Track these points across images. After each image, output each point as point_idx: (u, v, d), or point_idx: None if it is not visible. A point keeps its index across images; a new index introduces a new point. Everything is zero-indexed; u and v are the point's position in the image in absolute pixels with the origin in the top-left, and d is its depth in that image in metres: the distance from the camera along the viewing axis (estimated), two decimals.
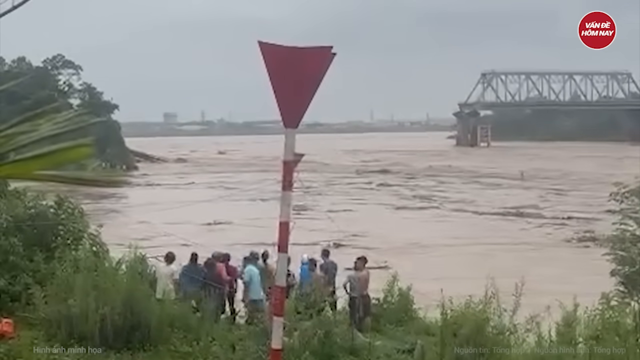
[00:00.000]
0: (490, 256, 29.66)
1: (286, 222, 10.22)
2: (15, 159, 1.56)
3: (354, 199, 52.97)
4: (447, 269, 26.29)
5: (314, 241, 31.18)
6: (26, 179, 1.52)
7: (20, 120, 1.65)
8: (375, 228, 36.52)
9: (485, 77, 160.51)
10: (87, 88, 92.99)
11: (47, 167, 1.58)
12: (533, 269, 24.02)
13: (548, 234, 37.42)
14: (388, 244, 32.58)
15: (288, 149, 9.62)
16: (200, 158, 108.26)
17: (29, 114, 1.69)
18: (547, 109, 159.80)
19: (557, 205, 48.20)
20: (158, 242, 25.86)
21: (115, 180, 6.14)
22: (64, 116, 1.66)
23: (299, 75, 9.13)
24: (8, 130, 1.58)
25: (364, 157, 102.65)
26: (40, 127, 1.61)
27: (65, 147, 1.56)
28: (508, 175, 70.45)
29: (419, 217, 44.82)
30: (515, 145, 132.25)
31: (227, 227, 38.43)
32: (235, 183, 62.58)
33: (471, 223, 42.01)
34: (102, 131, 69.36)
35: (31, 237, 15.47)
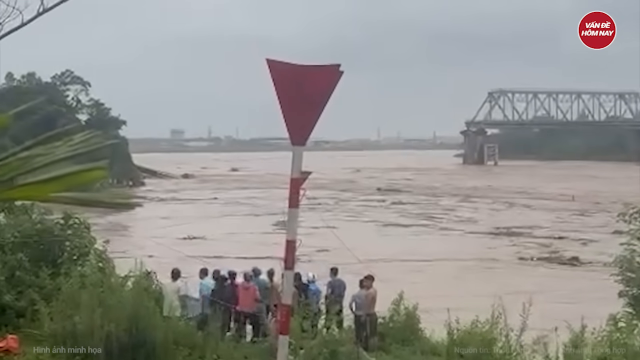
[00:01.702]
0: (435, 272, 29.79)
1: (293, 240, 10.19)
2: (32, 181, 1.56)
3: (350, 215, 52.91)
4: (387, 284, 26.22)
5: (269, 255, 31.59)
6: (42, 200, 1.51)
7: (35, 142, 1.64)
8: (346, 244, 36.41)
9: (492, 95, 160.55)
10: (95, 104, 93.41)
11: (63, 189, 1.58)
12: (469, 285, 24.59)
13: (516, 252, 37.19)
14: (346, 258, 32.69)
15: (295, 167, 9.62)
16: (215, 175, 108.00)
17: (43, 136, 1.69)
18: (555, 128, 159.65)
19: (566, 225, 47.77)
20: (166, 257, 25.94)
21: (131, 202, 6.13)
22: (79, 138, 1.66)
23: (306, 93, 9.13)
24: (24, 152, 1.57)
25: (375, 174, 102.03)
26: (55, 149, 1.60)
27: (81, 169, 1.56)
28: (541, 195, 69.48)
29: (400, 234, 44.73)
30: (523, 164, 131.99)
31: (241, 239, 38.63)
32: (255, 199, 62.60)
33: (451, 241, 41.91)
34: (109, 147, 69.49)
35: (38, 252, 15.48)
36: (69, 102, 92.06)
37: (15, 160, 1.54)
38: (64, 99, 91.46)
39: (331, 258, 30.91)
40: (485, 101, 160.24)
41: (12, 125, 1.87)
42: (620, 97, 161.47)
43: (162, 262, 17.61)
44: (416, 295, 16.64)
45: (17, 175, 1.53)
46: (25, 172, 1.55)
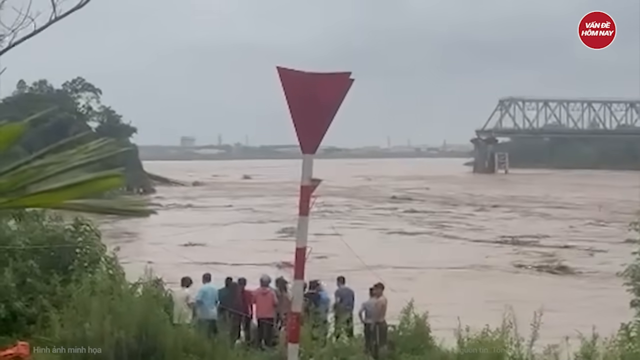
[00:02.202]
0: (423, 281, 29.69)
1: (303, 248, 10.18)
2: (47, 189, 1.56)
3: (357, 223, 52.63)
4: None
5: (265, 262, 31.57)
6: (56, 208, 1.52)
7: (48, 150, 1.65)
8: (341, 251, 36.47)
9: (503, 103, 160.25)
10: (106, 111, 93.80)
11: (78, 196, 1.58)
12: (453, 293, 24.47)
13: (514, 261, 36.89)
14: (343, 265, 32.82)
15: (305, 174, 9.61)
16: (227, 183, 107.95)
17: (56, 144, 1.69)
18: (565, 137, 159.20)
19: (577, 235, 47.40)
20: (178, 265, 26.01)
21: (145, 210, 6.10)
22: (93, 145, 1.66)
23: (317, 101, 9.13)
24: (38, 160, 1.57)
25: (388, 182, 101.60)
26: (70, 157, 1.60)
27: (96, 177, 1.56)
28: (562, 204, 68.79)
29: (402, 241, 44.57)
30: (534, 172, 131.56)
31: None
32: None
33: (452, 249, 41.64)
34: (120, 154, 69.68)
35: (48, 259, 15.53)
36: (80, 109, 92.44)
37: (30, 168, 1.54)
38: (75, 106, 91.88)
39: (329, 265, 31.28)
40: (496, 109, 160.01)
41: (24, 132, 1.88)
42: (632, 106, 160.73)
43: (159, 268, 17.56)
44: (396, 301, 16.59)
45: (31, 182, 1.53)
46: (40, 179, 1.55)
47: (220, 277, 17.46)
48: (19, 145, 1.74)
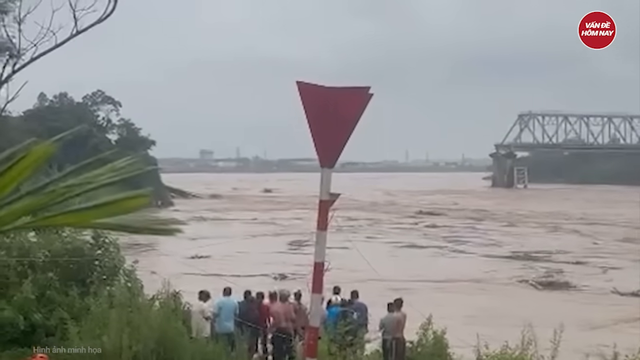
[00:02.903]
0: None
1: (321, 263, 10.15)
2: (75, 208, 1.57)
3: (372, 236, 52.36)
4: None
5: (265, 273, 31.40)
6: (84, 227, 1.53)
7: (77, 167, 1.65)
8: (344, 264, 36.33)
9: (522, 118, 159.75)
10: (125, 124, 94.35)
11: (106, 216, 1.58)
12: (440, 307, 24.14)
13: (516, 276, 36.38)
14: (343, 279, 32.81)
15: (324, 189, 9.60)
16: (249, 196, 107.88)
17: (84, 162, 1.69)
18: (585, 152, 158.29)
19: (597, 251, 46.76)
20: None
21: (172, 229, 6.11)
22: (119, 164, 1.66)
23: (336, 116, 9.13)
24: (67, 180, 1.57)
25: (412, 197, 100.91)
26: (98, 176, 1.60)
27: (124, 197, 1.56)
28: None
29: (410, 255, 44.36)
30: (553, 187, 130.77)
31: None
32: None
33: (457, 263, 41.40)
34: (139, 166, 70.13)
35: (67, 272, 15.58)
36: (100, 121, 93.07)
37: (59, 187, 1.54)
38: (95, 118, 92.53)
39: (331, 278, 31.18)
40: (515, 124, 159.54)
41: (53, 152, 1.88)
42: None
43: (159, 279, 17.59)
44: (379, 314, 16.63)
45: (61, 201, 1.54)
46: (69, 198, 1.55)
47: (218, 288, 17.45)
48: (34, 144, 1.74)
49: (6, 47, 24.39)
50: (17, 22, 23.51)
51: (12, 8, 24.21)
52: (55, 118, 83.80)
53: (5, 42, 24.36)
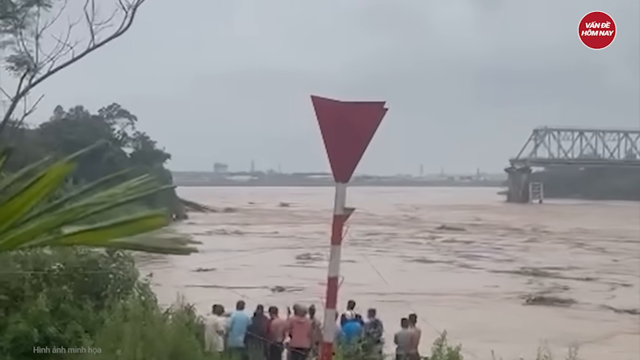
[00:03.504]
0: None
1: (335, 277, 10.12)
2: (93, 227, 1.57)
3: (381, 250, 51.83)
4: None
5: (263, 285, 31.94)
6: (102, 246, 1.54)
7: (94, 185, 1.65)
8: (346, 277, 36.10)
9: (537, 133, 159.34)
10: (141, 137, 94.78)
11: (123, 235, 1.59)
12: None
13: (516, 292, 35.99)
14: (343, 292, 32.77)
15: (338, 203, 9.58)
16: (266, 210, 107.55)
17: (100, 180, 1.70)
18: (601, 167, 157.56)
19: (613, 268, 46.10)
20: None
21: (188, 248, 6.05)
22: (136, 182, 1.67)
23: (350, 130, 9.13)
24: (84, 198, 1.58)
25: (432, 212, 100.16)
26: (114, 195, 1.61)
27: (142, 216, 1.57)
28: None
29: (416, 269, 44.00)
30: (569, 203, 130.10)
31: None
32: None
33: (461, 277, 41.07)
34: (156, 181, 70.41)
35: (82, 285, 15.63)
36: (115, 135, 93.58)
37: (77, 206, 1.54)
38: (111, 132, 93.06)
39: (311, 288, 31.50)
40: (530, 138, 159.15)
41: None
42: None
43: (158, 291, 17.62)
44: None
45: (77, 220, 1.54)
46: (85, 216, 1.56)
47: (213, 300, 17.45)
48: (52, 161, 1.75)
49: (24, 61, 24.62)
50: (35, 36, 23.79)
51: (30, 22, 24.46)
52: (71, 131, 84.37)
53: (23, 56, 24.59)
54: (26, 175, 1.48)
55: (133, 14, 22.60)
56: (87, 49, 22.67)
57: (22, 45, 24.47)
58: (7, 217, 1.30)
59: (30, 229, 1.41)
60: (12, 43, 24.91)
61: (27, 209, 1.36)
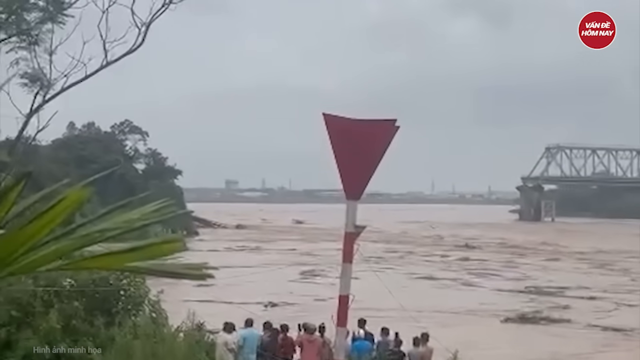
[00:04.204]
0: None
1: (346, 296, 10.08)
2: (111, 251, 1.58)
3: (389, 267, 51.06)
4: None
5: (258, 300, 31.89)
6: (118, 270, 1.53)
7: (111, 209, 1.66)
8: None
9: (549, 151, 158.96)
10: (152, 153, 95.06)
11: (140, 259, 1.59)
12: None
13: (513, 310, 35.46)
14: (318, 305, 32.99)
15: (349, 221, 9.56)
16: (280, 227, 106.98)
17: (117, 204, 1.71)
18: (614, 186, 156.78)
19: (629, 287, 45.47)
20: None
21: (204, 274, 6.08)
22: (152, 206, 1.67)
23: (362, 148, 9.12)
24: (101, 224, 1.59)
25: (452, 230, 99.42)
26: (130, 221, 1.61)
27: (159, 241, 1.57)
28: None
29: (419, 286, 43.59)
30: (581, 221, 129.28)
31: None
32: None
33: (459, 295, 40.90)
34: (165, 196, 70.44)
35: (93, 301, 15.62)
36: (127, 151, 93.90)
37: (93, 232, 1.55)
38: (123, 148, 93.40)
39: (327, 305, 31.25)
40: (542, 156, 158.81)
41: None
42: None
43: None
44: None
45: (94, 243, 1.55)
46: (101, 241, 1.56)
47: (206, 314, 17.38)
48: (66, 186, 1.76)
49: (37, 78, 24.80)
50: (49, 53, 23.97)
51: (44, 40, 24.66)
52: (83, 147, 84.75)
53: (37, 72, 24.78)
54: (43, 198, 1.49)
55: (146, 32, 22.79)
56: (101, 66, 22.84)
57: (36, 62, 24.68)
58: (25, 241, 1.31)
59: (47, 253, 1.42)
60: (26, 60, 25.11)
61: (44, 233, 1.36)
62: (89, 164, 76.63)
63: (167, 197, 2.01)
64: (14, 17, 24.68)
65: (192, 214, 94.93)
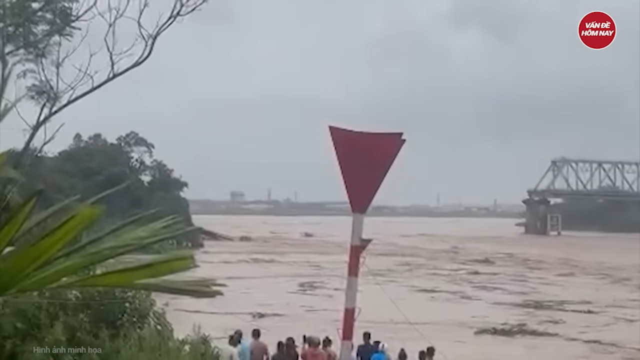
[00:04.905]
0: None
1: (352, 309, 10.05)
2: (121, 269, 1.58)
3: (391, 280, 51.07)
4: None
5: (240, 311, 30.97)
6: (128, 287, 1.53)
7: (120, 225, 1.66)
8: (337, 306, 35.57)
9: (555, 164, 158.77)
10: (158, 165, 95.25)
11: (149, 276, 1.59)
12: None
13: (502, 321, 35.39)
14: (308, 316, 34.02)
15: (355, 234, 9.53)
16: (290, 239, 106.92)
17: (127, 221, 1.71)
18: (620, 199, 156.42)
19: (632, 303, 45.12)
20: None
21: (213, 291, 6.07)
22: (161, 223, 1.67)
23: (368, 161, 9.10)
24: (110, 241, 1.58)
25: (468, 244, 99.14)
26: (138, 238, 1.61)
27: (168, 258, 1.57)
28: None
29: (416, 299, 43.27)
30: (588, 235, 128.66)
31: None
32: None
33: (453, 308, 40.79)
34: (170, 208, 70.72)
35: (98, 314, 15.59)
36: (133, 163, 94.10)
37: (103, 249, 1.55)
38: (128, 160, 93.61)
39: (324, 316, 31.53)
40: (549, 170, 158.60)
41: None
42: None
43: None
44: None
45: (105, 260, 1.55)
46: (111, 258, 1.56)
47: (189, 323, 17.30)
48: (77, 201, 1.76)
49: (44, 90, 24.89)
50: (56, 65, 24.04)
51: (51, 52, 24.74)
52: (89, 159, 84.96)
53: (44, 85, 24.86)
54: (52, 215, 1.49)
55: (153, 44, 22.82)
56: (107, 78, 22.88)
57: (43, 74, 24.75)
58: (35, 258, 1.31)
59: (58, 269, 1.41)
60: (33, 72, 25.18)
61: (55, 250, 1.36)
62: (95, 175, 76.82)
63: (173, 210, 2.01)
64: (21, 29, 24.78)
65: (198, 226, 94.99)
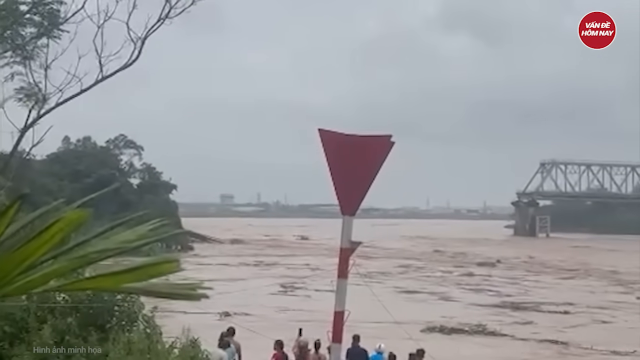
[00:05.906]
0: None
1: (341, 312, 10.05)
2: (107, 272, 1.57)
3: (379, 282, 50.60)
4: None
5: (209, 311, 30.95)
6: (114, 291, 1.52)
7: (108, 227, 1.65)
8: (312, 306, 35.58)
9: (544, 166, 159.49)
10: (147, 168, 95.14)
11: (136, 280, 1.59)
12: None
13: (475, 321, 35.62)
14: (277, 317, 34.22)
15: (345, 236, 9.55)
16: (290, 242, 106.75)
17: (114, 223, 1.70)
18: (609, 201, 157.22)
19: (623, 305, 44.68)
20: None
21: (199, 294, 6.04)
22: (148, 226, 1.67)
23: (357, 163, 9.13)
24: (98, 244, 1.58)
25: (469, 248, 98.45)
26: (127, 241, 1.61)
27: (155, 262, 1.56)
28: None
29: (397, 300, 42.73)
30: (576, 237, 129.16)
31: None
32: None
33: (428, 308, 40.88)
34: (160, 211, 70.55)
35: (87, 317, 15.53)
36: (122, 166, 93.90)
37: (90, 252, 1.54)
38: (118, 163, 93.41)
39: (293, 316, 32.12)
40: (537, 172, 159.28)
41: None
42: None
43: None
44: None
45: (92, 263, 1.54)
46: (98, 261, 1.55)
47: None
48: (64, 204, 1.75)
49: (32, 93, 24.79)
50: (44, 68, 23.94)
51: (39, 54, 24.64)
52: (77, 162, 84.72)
53: (32, 87, 24.75)
54: (38, 217, 1.48)
55: (142, 47, 22.76)
56: (96, 81, 22.80)
57: (31, 76, 24.64)
58: (21, 262, 1.30)
59: (44, 273, 1.41)
60: (21, 74, 25.06)
61: (41, 253, 1.35)
62: (84, 178, 76.59)
63: (162, 212, 2.00)
64: (9, 32, 24.67)
65: (187, 229, 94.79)
